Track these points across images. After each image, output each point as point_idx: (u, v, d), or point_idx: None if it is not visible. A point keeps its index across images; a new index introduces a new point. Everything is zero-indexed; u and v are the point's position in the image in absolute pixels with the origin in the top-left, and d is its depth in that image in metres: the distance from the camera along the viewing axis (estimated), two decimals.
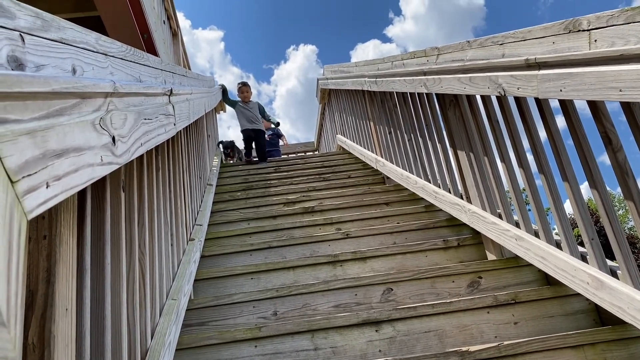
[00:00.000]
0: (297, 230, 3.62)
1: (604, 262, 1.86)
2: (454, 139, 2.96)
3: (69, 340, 0.94)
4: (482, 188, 2.72)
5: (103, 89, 0.98)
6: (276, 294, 2.57)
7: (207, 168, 4.72)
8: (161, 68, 2.09)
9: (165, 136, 1.72)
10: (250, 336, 2.20)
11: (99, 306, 1.22)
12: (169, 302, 1.97)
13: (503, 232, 2.48)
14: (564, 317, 2.22)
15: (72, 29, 1.02)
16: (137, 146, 1.25)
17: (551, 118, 1.98)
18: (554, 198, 2.09)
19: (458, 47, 2.48)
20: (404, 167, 4.05)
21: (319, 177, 5.32)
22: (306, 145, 9.95)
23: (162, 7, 6.07)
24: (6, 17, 0.73)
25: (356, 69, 4.97)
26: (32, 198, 0.61)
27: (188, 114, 2.51)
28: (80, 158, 0.80)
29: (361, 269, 2.92)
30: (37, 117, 0.66)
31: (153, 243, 1.80)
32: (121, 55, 1.41)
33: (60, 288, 0.92)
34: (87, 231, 1.13)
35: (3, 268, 0.52)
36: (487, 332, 2.21)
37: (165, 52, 5.62)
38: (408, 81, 3.22)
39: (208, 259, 3.21)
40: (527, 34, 1.88)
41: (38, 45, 0.83)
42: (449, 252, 2.98)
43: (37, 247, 0.92)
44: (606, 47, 1.46)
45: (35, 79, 0.66)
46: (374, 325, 2.23)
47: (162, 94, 1.76)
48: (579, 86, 1.56)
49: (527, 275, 2.56)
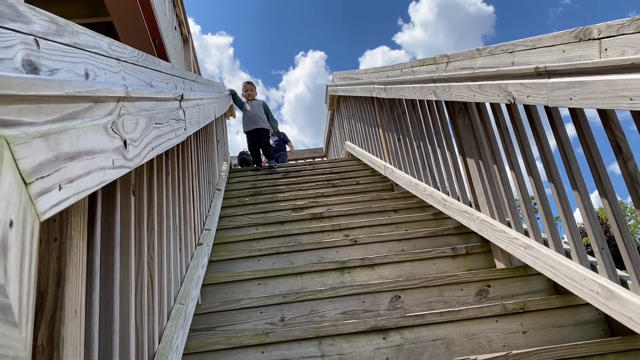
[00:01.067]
0: (305, 236, 3.62)
1: (614, 272, 1.85)
2: (463, 147, 2.96)
3: (77, 342, 0.95)
4: (491, 196, 2.71)
5: (115, 93, 0.99)
6: (283, 300, 2.57)
7: (216, 173, 4.73)
8: (172, 73, 2.10)
9: (175, 141, 1.73)
10: (257, 342, 2.20)
11: (107, 309, 1.22)
12: (176, 306, 1.97)
13: (512, 240, 2.47)
14: (573, 327, 2.20)
15: (85, 34, 1.03)
16: (148, 150, 1.25)
17: (561, 126, 1.98)
18: (564, 207, 2.08)
19: (468, 55, 2.48)
20: (413, 174, 4.04)
21: (327, 183, 5.32)
22: (315, 152, 9.96)
23: (173, 14, 6.12)
24: (22, 22, 0.74)
25: (365, 76, 4.98)
26: (45, 200, 0.62)
27: (198, 119, 2.52)
28: (92, 161, 0.81)
29: (369, 276, 2.91)
30: (51, 120, 0.67)
31: (162, 247, 1.80)
32: (133, 60, 1.42)
33: (70, 290, 0.92)
34: (97, 234, 1.13)
35: (16, 268, 0.53)
36: (495, 341, 2.20)
37: (176, 57, 5.65)
38: (417, 88, 3.22)
39: (216, 264, 3.21)
40: (537, 42, 1.88)
41: (52, 50, 0.84)
42: (457, 260, 2.97)
43: (47, 249, 0.92)
44: (617, 56, 1.46)
45: (49, 82, 0.67)
46: (381, 332, 2.22)
47: (173, 99, 1.77)
48: (589, 95, 1.55)
49: (536, 284, 2.54)
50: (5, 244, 0.51)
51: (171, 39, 5.41)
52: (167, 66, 2.00)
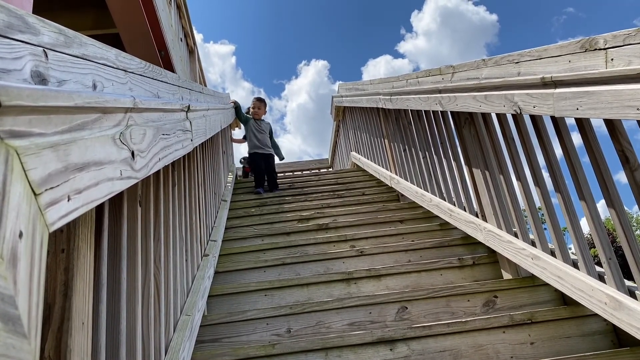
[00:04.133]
0: (311, 247, 3.61)
1: (622, 282, 1.83)
2: (469, 157, 2.95)
3: (84, 354, 0.94)
4: (498, 206, 2.71)
5: (123, 104, 0.99)
6: (290, 311, 2.56)
7: (221, 184, 4.74)
8: (179, 85, 2.11)
9: (182, 152, 1.73)
10: (263, 353, 2.19)
11: (114, 321, 1.22)
12: (183, 317, 1.97)
13: (519, 251, 2.46)
14: (581, 338, 2.19)
15: (93, 45, 1.04)
16: (156, 161, 1.26)
17: (567, 136, 1.97)
18: (571, 217, 2.07)
19: (473, 65, 2.49)
20: (419, 185, 4.04)
21: (333, 194, 5.32)
22: (320, 162, 9.96)
23: (179, 25, 6.16)
24: (31, 34, 0.75)
25: (371, 86, 4.99)
26: (54, 211, 0.62)
27: (205, 130, 2.53)
28: (100, 172, 0.81)
29: (376, 287, 2.90)
30: (60, 131, 0.67)
31: (168, 258, 1.80)
32: (140, 72, 1.43)
33: (77, 302, 0.92)
34: (104, 245, 1.13)
35: (25, 279, 0.53)
36: (503, 352, 2.18)
37: (182, 69, 5.68)
38: (423, 99, 3.23)
39: (222, 275, 3.21)
40: (543, 52, 1.88)
41: (60, 61, 0.84)
42: (464, 271, 2.96)
43: (55, 260, 0.92)
44: (623, 66, 1.46)
45: (59, 93, 0.67)
46: (388, 344, 2.21)
47: (179, 110, 1.78)
48: (595, 105, 1.55)
49: (544, 295, 2.53)
50: (15, 255, 0.51)
51: (177, 51, 5.44)
52: (173, 77, 2.01)
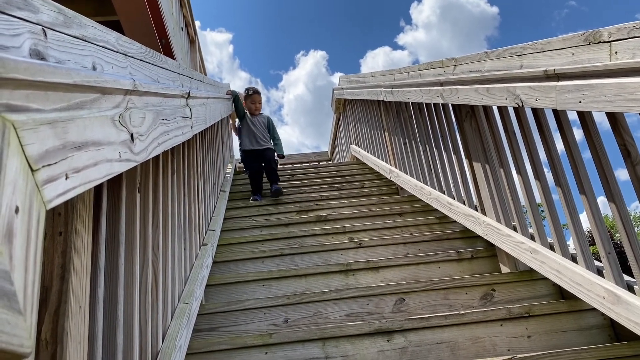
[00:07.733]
0: (310, 238, 3.61)
1: (620, 277, 1.83)
2: (469, 150, 2.95)
3: (81, 337, 0.94)
4: (498, 200, 2.70)
5: (123, 85, 0.98)
6: (287, 302, 2.56)
7: (221, 174, 4.73)
8: (179, 72, 2.10)
9: (182, 138, 1.72)
10: (261, 342, 2.19)
11: (111, 306, 1.21)
12: (180, 305, 1.96)
13: (518, 244, 2.45)
14: (578, 332, 2.19)
15: (93, 27, 1.03)
16: (155, 145, 1.25)
17: (569, 130, 1.96)
18: (571, 211, 2.06)
19: (476, 57, 2.48)
20: (419, 178, 4.03)
21: (332, 186, 5.31)
22: (320, 155, 9.93)
23: (180, 14, 6.13)
24: (30, 11, 0.74)
25: (372, 79, 4.97)
26: (51, 188, 0.61)
27: (205, 118, 2.52)
28: (99, 152, 0.80)
29: (374, 279, 2.90)
30: (58, 109, 0.66)
31: (166, 246, 1.80)
32: (140, 57, 1.42)
33: (74, 285, 0.91)
34: (102, 230, 1.13)
35: (21, 256, 0.52)
36: (500, 345, 2.18)
37: (182, 58, 5.66)
38: (424, 91, 3.21)
39: (220, 265, 3.20)
40: (546, 45, 1.87)
41: (60, 41, 0.84)
42: (462, 264, 2.95)
43: (52, 243, 0.92)
44: (627, 59, 1.45)
45: (57, 69, 0.66)
46: (385, 335, 2.21)
47: (180, 96, 1.77)
48: (598, 98, 1.54)
49: (542, 289, 2.53)
50: (11, 230, 0.50)
51: (178, 39, 5.42)
52: (174, 64, 2.00)
